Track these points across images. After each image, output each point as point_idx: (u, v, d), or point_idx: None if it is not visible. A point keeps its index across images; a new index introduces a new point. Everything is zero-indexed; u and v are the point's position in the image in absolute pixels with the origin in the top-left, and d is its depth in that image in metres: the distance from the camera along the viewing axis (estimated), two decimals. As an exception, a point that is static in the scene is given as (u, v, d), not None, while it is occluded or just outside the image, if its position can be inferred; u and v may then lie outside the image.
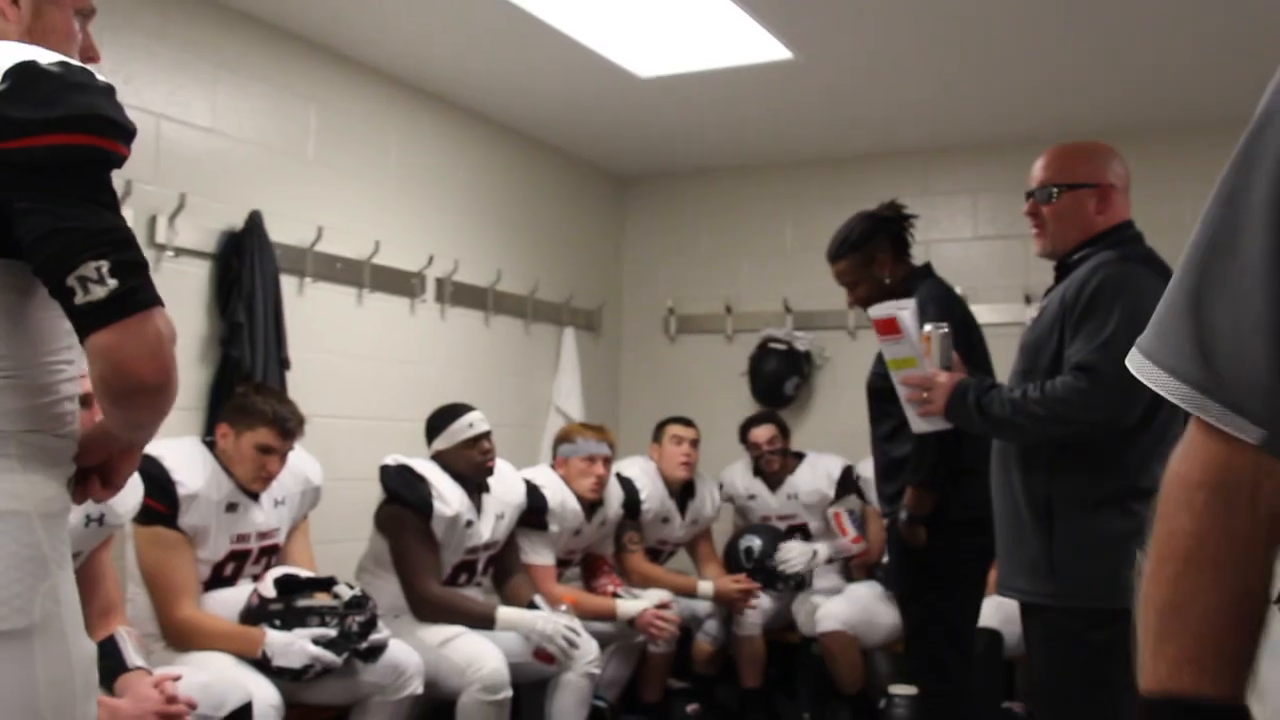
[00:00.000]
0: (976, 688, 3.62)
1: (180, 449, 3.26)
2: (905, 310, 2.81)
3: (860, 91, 4.72)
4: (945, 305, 3.44)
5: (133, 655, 2.71)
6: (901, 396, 2.85)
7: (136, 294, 1.38)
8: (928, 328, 2.81)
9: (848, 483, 4.95)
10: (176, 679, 2.68)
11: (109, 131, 1.42)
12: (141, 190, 3.52)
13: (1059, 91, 4.63)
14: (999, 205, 5.25)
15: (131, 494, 2.80)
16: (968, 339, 3.35)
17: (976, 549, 3.47)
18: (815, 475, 4.99)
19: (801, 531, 5.00)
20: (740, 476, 5.12)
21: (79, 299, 1.36)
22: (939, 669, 3.40)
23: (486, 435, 3.94)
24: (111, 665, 2.66)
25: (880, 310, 2.85)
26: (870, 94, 4.76)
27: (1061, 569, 2.50)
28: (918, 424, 2.86)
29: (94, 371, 1.40)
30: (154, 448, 3.16)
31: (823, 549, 4.80)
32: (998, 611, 4.05)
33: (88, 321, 1.37)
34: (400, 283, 4.57)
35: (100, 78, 1.45)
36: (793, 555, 4.77)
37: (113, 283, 1.36)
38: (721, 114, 5.05)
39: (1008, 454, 2.66)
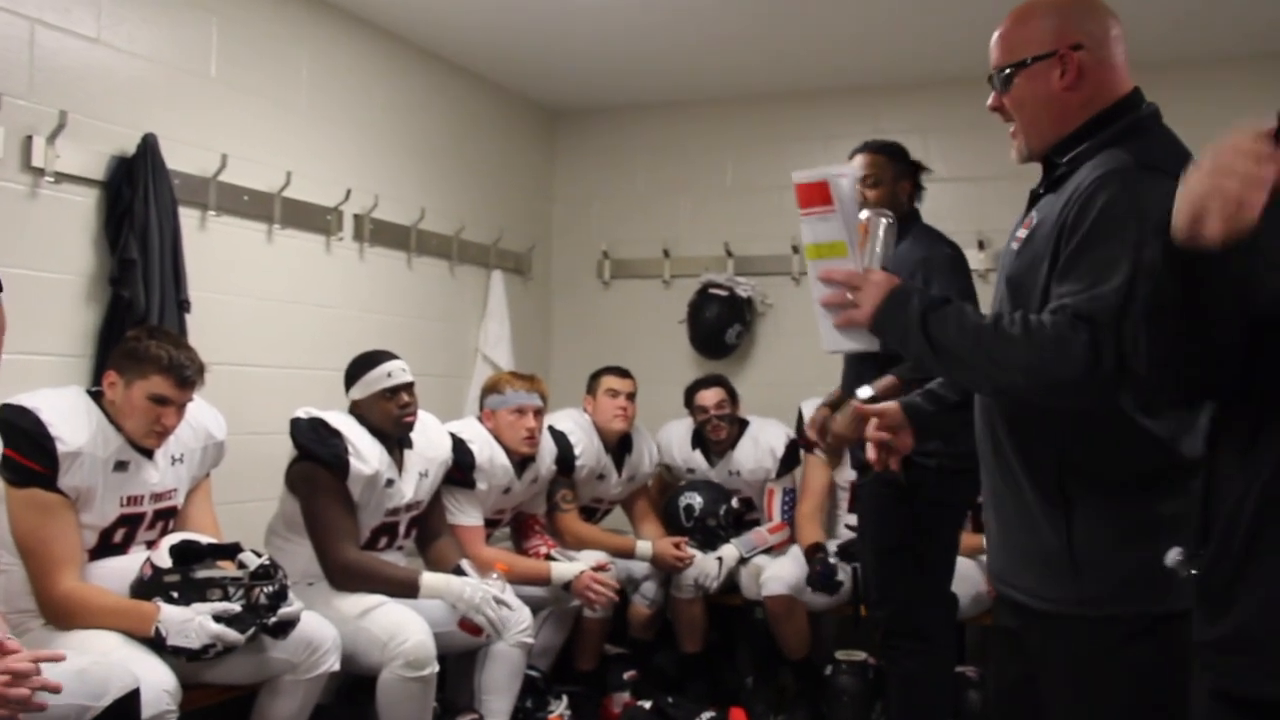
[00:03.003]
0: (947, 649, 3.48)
1: (60, 400, 2.91)
2: (844, 177, 2.03)
3: (806, 21, 4.45)
4: (957, 253, 3.43)
5: None
6: (816, 298, 2.07)
7: None
8: (866, 213, 2.11)
9: (791, 459, 4.71)
10: (60, 659, 2.34)
11: None
12: (13, 105, 3.12)
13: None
14: (953, 145, 5.02)
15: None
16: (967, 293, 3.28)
17: (962, 502, 3.36)
18: (758, 450, 4.77)
19: (745, 502, 4.82)
20: (679, 446, 4.89)
21: None
22: (923, 629, 3.28)
23: (408, 387, 3.64)
24: None
25: (808, 173, 2.06)
26: (817, 24, 4.49)
27: (1088, 567, 1.91)
28: (831, 338, 2.08)
29: None
30: (29, 399, 2.83)
31: (729, 552, 4.53)
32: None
33: None
34: (314, 219, 4.22)
35: None
36: (704, 570, 4.49)
37: None
38: (660, 43, 4.76)
39: (993, 408, 2.06)
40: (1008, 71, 2.01)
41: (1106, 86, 1.97)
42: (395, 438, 3.65)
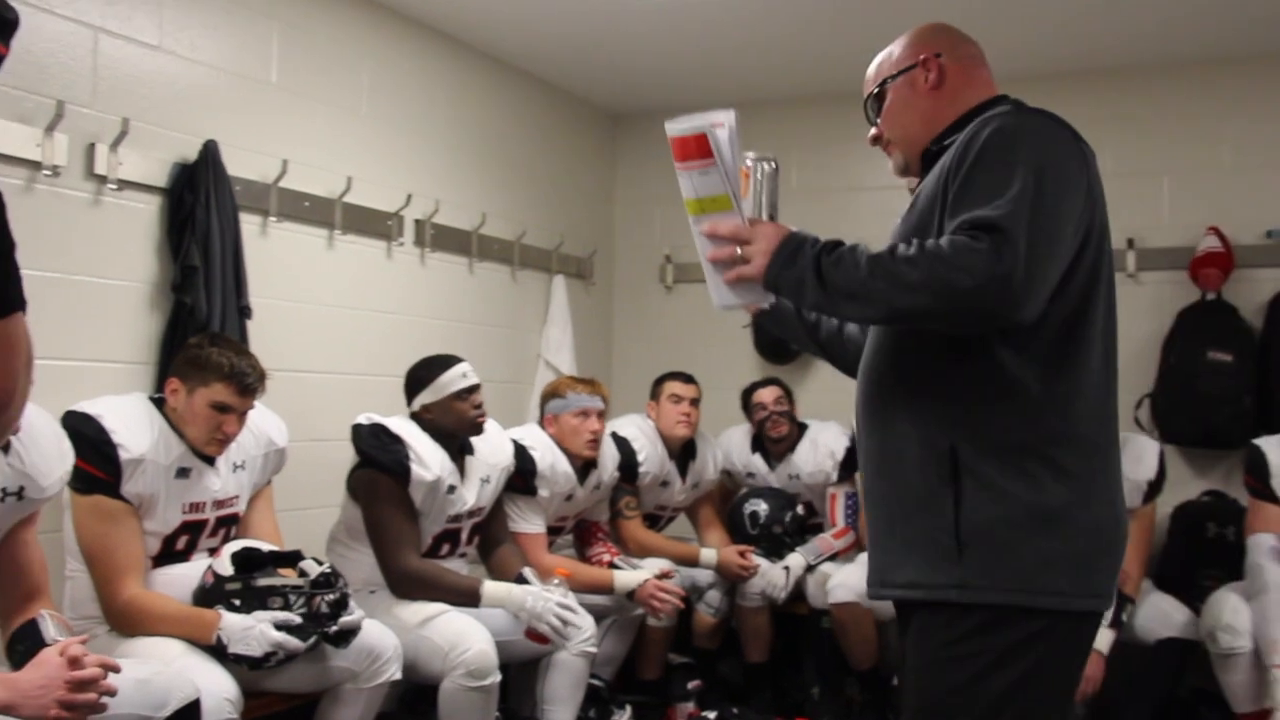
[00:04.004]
0: None
1: (122, 407, 2.90)
2: (721, 127, 1.85)
3: (871, 20, 4.36)
4: None
5: (52, 633, 2.39)
6: (702, 255, 1.93)
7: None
8: (751, 158, 2.00)
9: (851, 462, 4.62)
10: (115, 669, 2.32)
11: None
12: (77, 113, 3.12)
13: (1090, 22, 4.32)
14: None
15: (58, 462, 2.45)
16: None
17: None
18: (817, 454, 4.68)
19: (807, 507, 4.73)
20: (739, 450, 4.83)
21: None
22: None
23: (478, 388, 3.61)
24: (29, 648, 2.35)
25: (682, 125, 1.87)
26: (882, 23, 4.37)
27: (971, 548, 1.77)
28: (721, 295, 1.93)
29: None
30: (92, 406, 2.83)
31: (796, 560, 4.44)
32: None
33: None
34: (375, 224, 4.19)
35: None
36: (771, 580, 4.41)
37: None
38: (722, 45, 4.70)
39: (886, 387, 1.92)
40: (876, 91, 2.08)
41: (972, 88, 2.04)
42: (458, 444, 3.61)
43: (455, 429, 3.57)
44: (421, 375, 3.63)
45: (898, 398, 1.89)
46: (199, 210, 3.36)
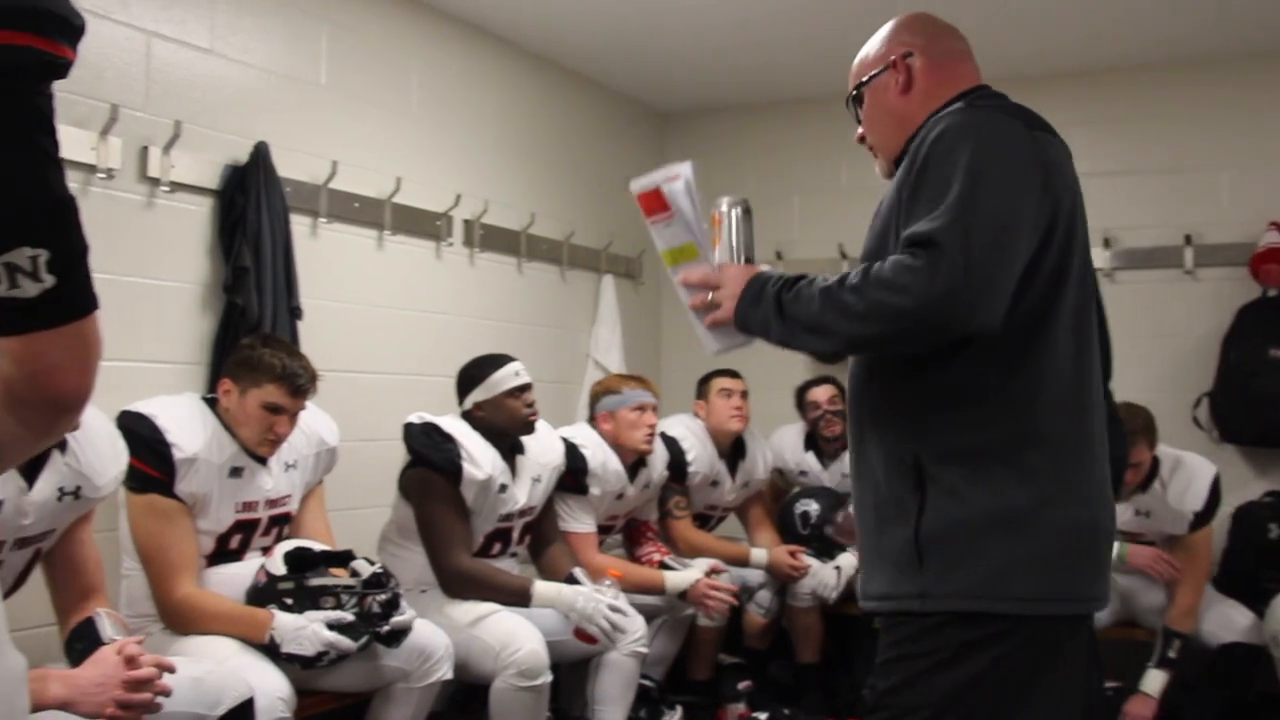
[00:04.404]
0: None
1: (176, 407, 2.92)
2: (676, 180, 1.93)
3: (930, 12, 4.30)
4: None
5: (109, 632, 2.41)
6: (685, 303, 2.01)
7: (75, 298, 1.07)
8: (723, 204, 2.02)
9: None
10: (170, 669, 2.34)
11: (51, 28, 1.04)
12: (131, 117, 3.15)
13: (1145, 16, 4.26)
14: (1077, 141, 4.77)
15: (113, 462, 2.47)
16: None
17: None
18: None
19: None
20: (791, 449, 4.79)
21: (1, 289, 1.04)
22: None
23: (530, 387, 3.62)
24: (87, 646, 2.37)
25: (641, 182, 2.00)
26: (942, 15, 4.33)
27: (931, 556, 1.73)
28: (709, 341, 2.00)
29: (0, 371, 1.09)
30: (146, 406, 2.85)
31: (847, 560, 4.40)
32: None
33: (6, 320, 1.06)
34: (425, 224, 4.20)
35: None
36: (822, 580, 4.37)
37: (49, 279, 1.04)
38: (770, 42, 4.66)
39: (861, 405, 1.91)
40: (854, 94, 2.05)
41: (945, 85, 1.96)
42: (508, 443, 3.61)
43: (507, 427, 3.57)
44: (473, 374, 3.63)
45: (866, 409, 1.89)
46: (250, 212, 3.38)
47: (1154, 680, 3.80)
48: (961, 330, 1.66)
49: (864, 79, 2.02)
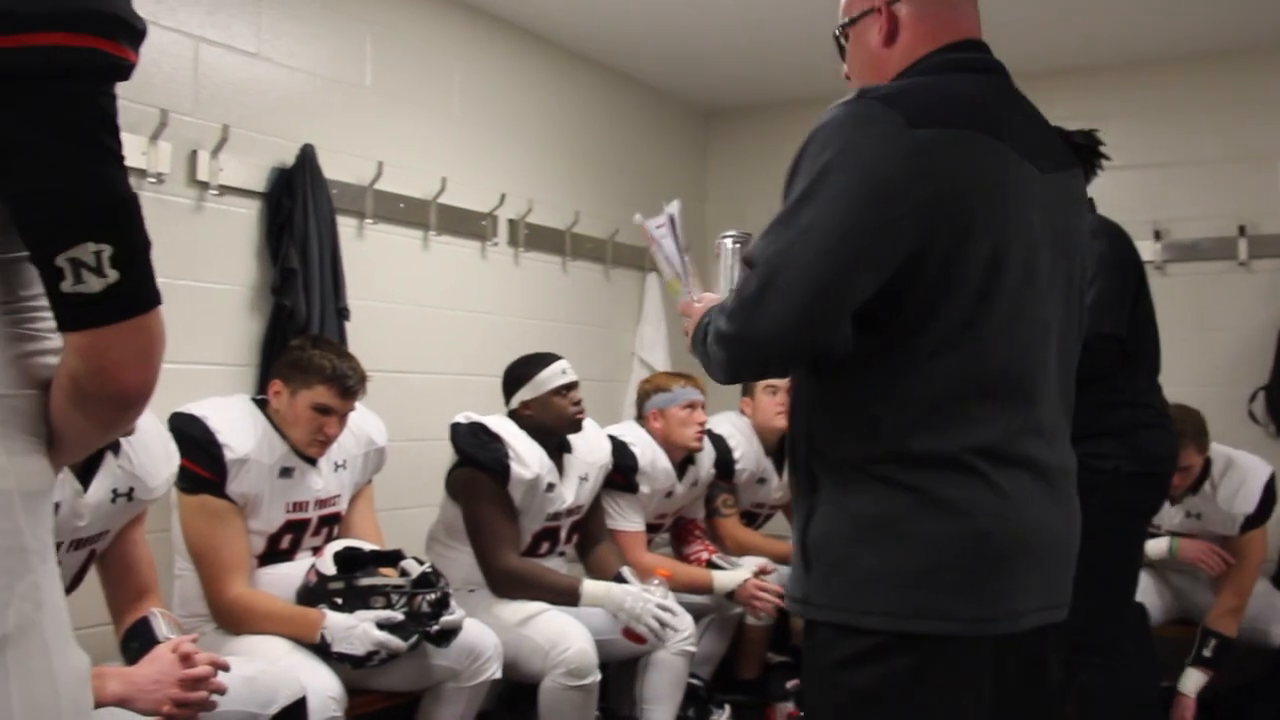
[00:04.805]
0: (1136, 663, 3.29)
1: (227, 408, 2.94)
2: (655, 223, 1.94)
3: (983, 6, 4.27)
4: (1122, 242, 3.18)
5: (164, 630, 2.44)
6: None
7: (138, 292, 1.12)
8: (724, 239, 1.97)
9: None
10: (225, 667, 2.36)
11: (117, 31, 1.08)
12: (180, 122, 3.18)
13: (1194, 3, 4.20)
14: (1125, 131, 4.76)
15: (165, 464, 2.49)
16: (1139, 288, 3.13)
17: (1144, 508, 3.16)
18: None
19: None
20: None
21: (67, 285, 1.08)
22: (1103, 642, 3.08)
23: (576, 385, 3.62)
24: (142, 645, 2.40)
25: (639, 218, 2.09)
26: (982, 9, 4.29)
27: (815, 562, 1.65)
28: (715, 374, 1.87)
29: (65, 365, 1.12)
30: (197, 407, 2.87)
31: None
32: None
33: (73, 314, 1.10)
34: (470, 224, 4.21)
35: None
36: None
37: (112, 275, 1.09)
38: (813, 37, 4.60)
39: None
40: (839, 33, 1.87)
41: (929, 38, 1.73)
42: (555, 442, 3.61)
43: (555, 425, 3.57)
44: (521, 372, 3.63)
45: (789, 415, 1.82)
46: (297, 214, 3.40)
47: (1190, 680, 3.74)
48: (792, 358, 1.61)
49: (850, 19, 1.83)
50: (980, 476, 1.57)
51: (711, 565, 4.02)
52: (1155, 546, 3.98)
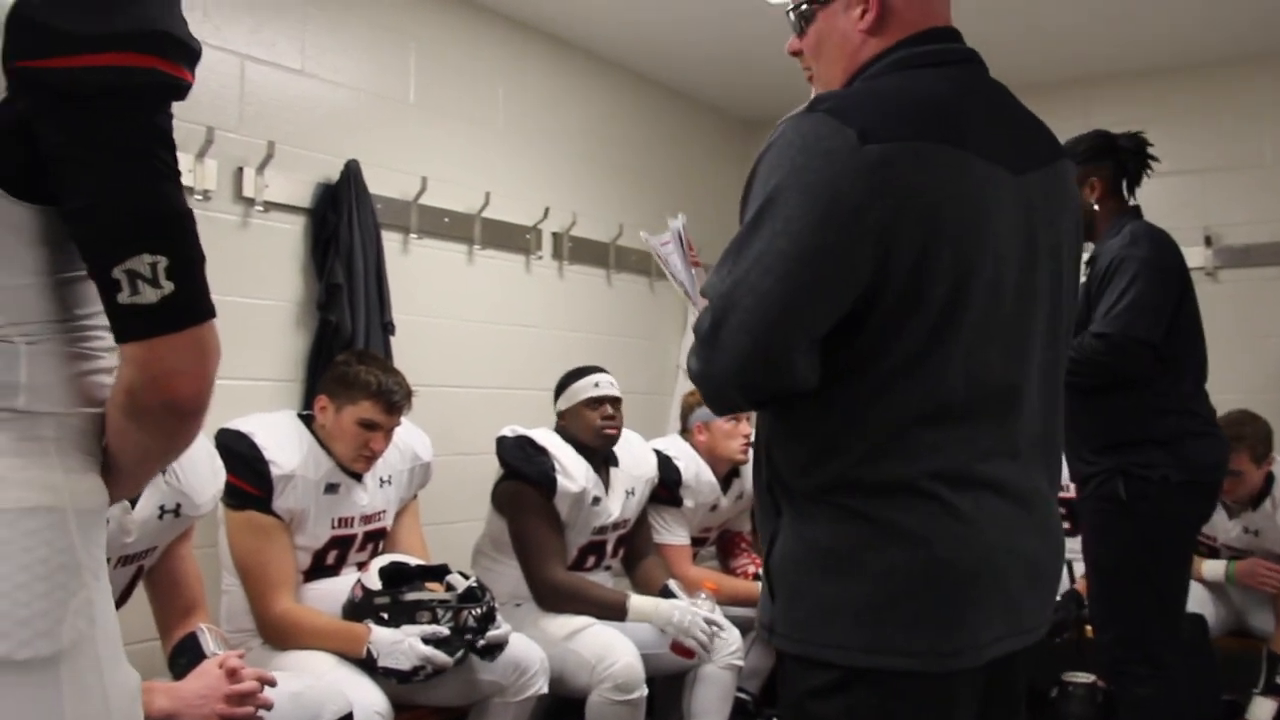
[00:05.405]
0: (1190, 678, 3.22)
1: (273, 424, 2.96)
2: (659, 241, 1.81)
3: (1013, 14, 4.22)
4: (1166, 248, 3.10)
5: (211, 646, 2.44)
6: None
7: (193, 304, 1.15)
8: (654, 239, 1.92)
9: None
10: (271, 682, 2.36)
11: (173, 52, 1.13)
12: (225, 139, 3.20)
13: (1240, 6, 4.12)
14: (1172, 136, 4.66)
15: (211, 480, 2.50)
16: (1181, 295, 3.08)
17: (1193, 517, 3.11)
18: None
19: None
20: None
21: (123, 297, 1.12)
22: (1154, 653, 3.02)
23: (614, 400, 3.60)
24: (190, 660, 2.41)
25: (645, 237, 1.92)
26: (1024, 16, 4.26)
27: (778, 589, 1.58)
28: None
29: (121, 379, 1.16)
30: (244, 423, 2.88)
31: None
32: (1193, 591, 3.59)
33: (130, 325, 1.14)
34: (514, 238, 4.21)
35: None
36: None
37: (168, 286, 1.13)
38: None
39: None
40: (805, 7, 1.68)
41: (909, 24, 1.61)
42: (601, 455, 3.59)
43: (583, 437, 3.56)
44: (561, 383, 3.64)
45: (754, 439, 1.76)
46: (342, 229, 3.41)
47: (1260, 709, 3.66)
48: (730, 400, 1.57)
49: None
50: (939, 502, 1.48)
51: (759, 578, 3.98)
52: (1212, 569, 3.92)
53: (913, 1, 1.62)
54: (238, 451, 2.82)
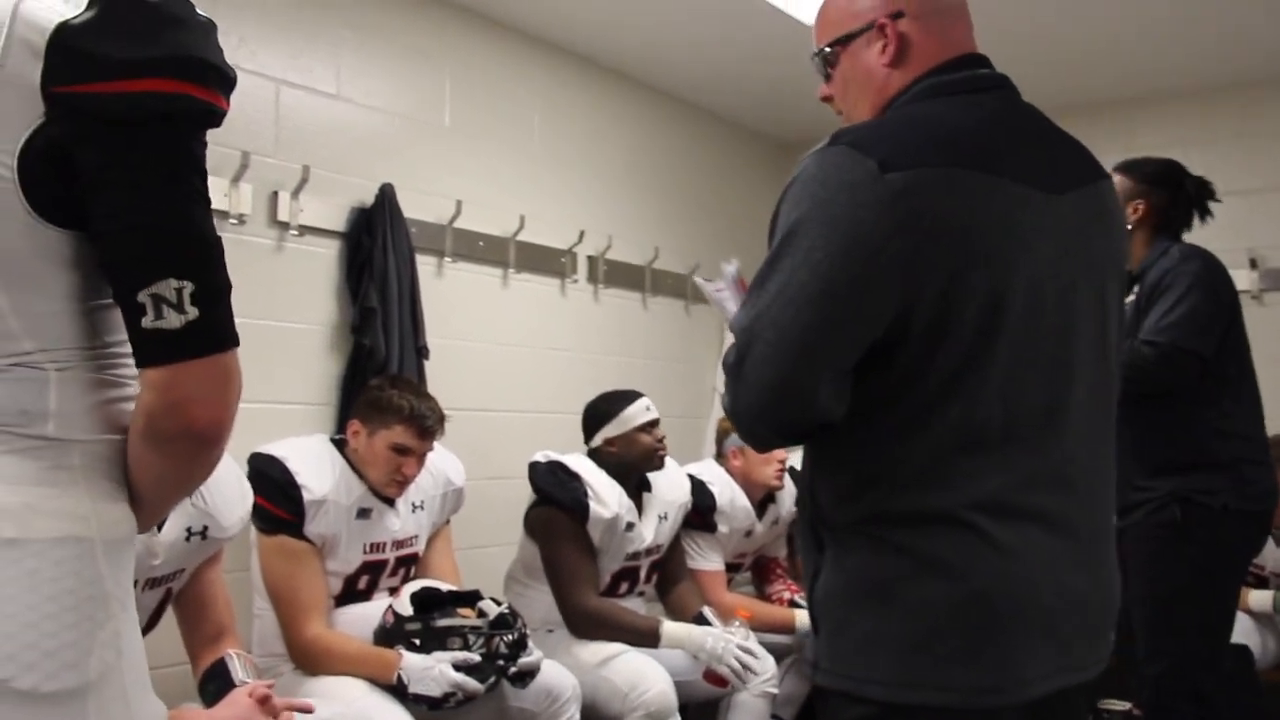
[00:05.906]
0: (1234, 712, 3.15)
1: (305, 449, 2.95)
2: (720, 279, 1.84)
3: (1054, 34, 4.18)
4: (1218, 270, 3.08)
5: (240, 674, 2.42)
6: None
7: (216, 331, 1.15)
8: (710, 284, 1.95)
9: None
10: (307, 709, 2.35)
11: (210, 79, 1.13)
12: (261, 164, 3.22)
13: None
14: (1216, 158, 4.62)
15: (239, 503, 2.49)
16: (1233, 315, 3.04)
17: (1248, 547, 3.04)
18: None
19: None
20: None
21: (147, 321, 1.12)
22: (1201, 689, 2.95)
23: (659, 422, 3.59)
24: (220, 687, 2.38)
25: (700, 283, 2.02)
26: (1066, 36, 4.21)
27: (822, 624, 1.55)
28: None
29: (141, 404, 1.15)
30: (276, 448, 2.88)
31: None
32: (1239, 622, 3.50)
33: (151, 350, 1.13)
34: (549, 262, 4.21)
35: (199, 11, 1.17)
36: None
37: (192, 312, 1.13)
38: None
39: None
40: (829, 51, 1.70)
41: (931, 55, 1.61)
42: (634, 481, 3.57)
43: (639, 462, 3.53)
44: (604, 409, 3.60)
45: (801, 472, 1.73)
46: (376, 253, 3.42)
47: None
48: (760, 436, 1.57)
49: (841, 36, 1.68)
50: (977, 533, 1.44)
51: (794, 605, 3.95)
52: (1259, 599, 3.84)
53: (931, 32, 1.62)
54: (270, 476, 2.81)
